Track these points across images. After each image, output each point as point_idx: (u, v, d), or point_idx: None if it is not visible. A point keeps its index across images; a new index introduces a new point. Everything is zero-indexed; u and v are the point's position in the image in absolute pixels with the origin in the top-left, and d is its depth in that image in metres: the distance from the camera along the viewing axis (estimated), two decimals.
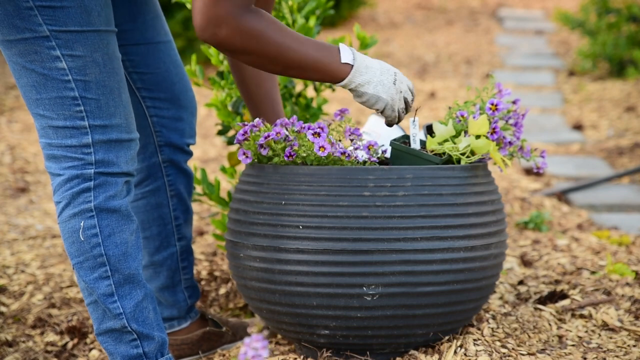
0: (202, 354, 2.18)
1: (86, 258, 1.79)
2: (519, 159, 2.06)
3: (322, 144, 1.86)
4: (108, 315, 1.81)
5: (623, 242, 2.91)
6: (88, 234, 1.78)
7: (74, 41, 1.72)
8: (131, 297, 1.81)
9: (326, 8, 2.42)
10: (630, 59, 6.20)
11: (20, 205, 3.64)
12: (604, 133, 4.91)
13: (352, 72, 1.77)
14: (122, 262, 1.80)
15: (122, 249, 1.80)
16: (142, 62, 2.02)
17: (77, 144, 1.76)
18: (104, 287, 1.79)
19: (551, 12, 8.98)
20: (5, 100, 5.64)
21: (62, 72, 1.73)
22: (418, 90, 6.05)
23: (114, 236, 1.79)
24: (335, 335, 1.92)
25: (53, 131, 1.77)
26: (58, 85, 1.73)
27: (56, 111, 1.75)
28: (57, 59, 1.72)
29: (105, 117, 1.77)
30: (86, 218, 1.78)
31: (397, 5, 9.87)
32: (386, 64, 1.83)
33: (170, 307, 2.15)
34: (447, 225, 1.88)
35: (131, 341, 1.82)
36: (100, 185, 1.78)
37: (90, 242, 1.78)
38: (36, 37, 1.71)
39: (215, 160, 4.35)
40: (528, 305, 2.26)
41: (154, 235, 2.11)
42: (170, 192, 2.11)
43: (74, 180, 1.78)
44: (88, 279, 1.80)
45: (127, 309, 1.81)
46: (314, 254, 1.86)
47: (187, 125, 2.11)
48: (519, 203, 3.45)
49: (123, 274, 1.80)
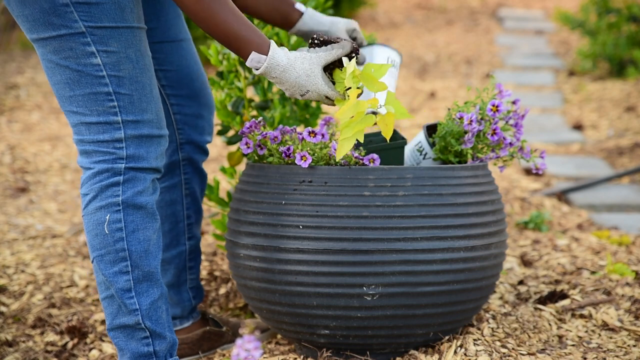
0: (202, 353, 2.18)
1: (108, 252, 1.80)
2: (519, 159, 2.06)
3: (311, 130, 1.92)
4: (123, 310, 1.82)
5: (623, 242, 2.91)
6: (113, 227, 1.80)
7: (109, 37, 1.75)
8: (148, 294, 1.82)
9: (325, 8, 2.42)
10: (630, 59, 6.20)
11: (20, 205, 3.64)
12: (604, 133, 4.91)
13: (262, 70, 1.77)
14: (144, 259, 1.81)
15: (144, 246, 1.82)
16: (165, 60, 2.06)
17: (109, 139, 1.79)
18: (123, 281, 1.81)
19: (551, 12, 8.99)
20: (5, 100, 5.64)
21: (96, 68, 1.76)
22: (418, 90, 6.05)
23: (138, 232, 1.81)
24: (335, 335, 1.92)
25: (86, 127, 1.79)
26: (92, 81, 1.76)
27: (89, 107, 1.78)
28: (92, 54, 1.75)
29: (138, 113, 1.79)
30: (112, 212, 1.80)
31: (397, 5, 9.87)
32: (308, 80, 1.80)
33: (174, 306, 2.15)
34: (447, 225, 1.88)
35: (143, 338, 1.83)
36: (129, 181, 1.80)
37: (114, 236, 1.80)
38: (72, 33, 1.74)
39: (215, 160, 4.36)
40: (528, 305, 2.26)
41: (165, 232, 2.14)
42: (185, 191, 2.14)
43: (103, 174, 1.80)
44: (108, 272, 1.81)
45: (143, 305, 1.82)
46: (314, 254, 1.86)
47: (206, 123, 2.15)
48: (519, 203, 3.45)
49: (143, 271, 1.81)
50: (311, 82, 1.78)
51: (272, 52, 1.76)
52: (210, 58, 2.30)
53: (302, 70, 1.78)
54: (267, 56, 1.76)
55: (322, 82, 1.79)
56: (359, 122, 1.78)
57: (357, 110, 1.78)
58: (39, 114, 5.35)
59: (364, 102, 1.78)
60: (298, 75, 1.77)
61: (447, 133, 2.00)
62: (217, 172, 3.94)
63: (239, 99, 2.32)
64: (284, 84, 1.78)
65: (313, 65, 1.78)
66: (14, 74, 6.30)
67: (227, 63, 2.29)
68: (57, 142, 4.75)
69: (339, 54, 1.81)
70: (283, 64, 1.76)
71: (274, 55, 1.76)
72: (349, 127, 1.78)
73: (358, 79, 1.79)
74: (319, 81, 1.79)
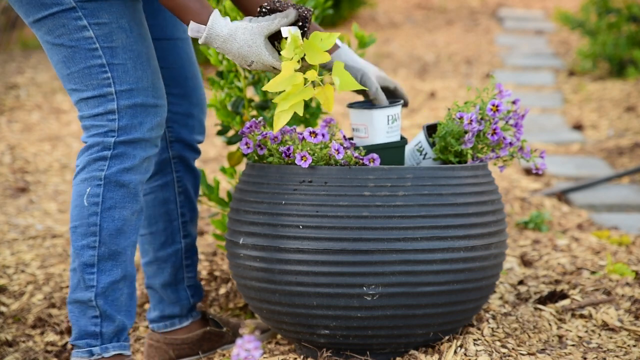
0: (203, 354, 2.18)
1: (81, 224, 1.82)
2: (519, 159, 2.06)
3: (312, 131, 1.90)
4: (81, 285, 1.83)
5: (623, 242, 2.91)
6: (90, 201, 1.82)
7: (100, 9, 1.78)
8: (110, 274, 1.82)
9: (325, 8, 2.42)
10: (631, 59, 6.20)
11: (20, 205, 3.64)
12: (604, 133, 4.91)
13: (203, 40, 1.74)
14: (114, 237, 1.82)
15: (117, 225, 1.82)
16: (160, 57, 2.06)
17: (103, 111, 1.81)
18: (88, 256, 1.82)
19: (551, 12, 8.98)
20: (5, 100, 5.64)
21: (89, 41, 1.79)
22: (418, 90, 6.05)
23: (114, 210, 1.82)
24: (335, 335, 1.92)
25: (84, 103, 1.82)
26: (86, 55, 1.79)
27: (85, 82, 1.80)
28: (84, 28, 1.78)
29: (132, 81, 1.81)
30: (94, 185, 1.82)
31: (397, 5, 9.87)
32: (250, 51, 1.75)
33: (172, 305, 2.15)
34: (447, 225, 1.88)
35: (93, 317, 1.84)
36: (117, 156, 1.82)
37: (89, 210, 1.81)
38: (63, 10, 1.77)
39: (215, 160, 4.36)
40: (528, 305, 2.26)
41: (159, 230, 2.13)
42: (178, 189, 2.14)
43: (94, 147, 1.82)
44: (76, 244, 1.83)
45: (101, 283, 1.82)
46: (314, 254, 1.86)
47: (197, 122, 2.15)
48: (519, 203, 3.45)
49: (110, 249, 1.82)
50: (253, 53, 1.74)
51: (212, 21, 1.72)
52: (210, 58, 2.30)
53: (244, 41, 1.74)
54: (207, 26, 1.73)
55: (265, 53, 1.74)
56: (296, 94, 1.74)
57: (292, 83, 1.73)
58: (39, 114, 5.35)
59: (299, 75, 1.73)
60: (240, 46, 1.74)
61: (447, 133, 2.00)
62: (217, 172, 3.94)
63: (239, 99, 2.32)
64: (227, 54, 1.75)
65: (255, 36, 1.74)
66: (14, 74, 6.30)
67: (227, 63, 2.29)
68: (57, 142, 4.75)
69: (282, 23, 1.75)
70: (223, 35, 1.73)
71: (213, 25, 1.73)
72: (285, 99, 1.75)
73: (301, 49, 1.75)
74: (262, 51, 1.74)
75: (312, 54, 1.75)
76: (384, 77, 2.01)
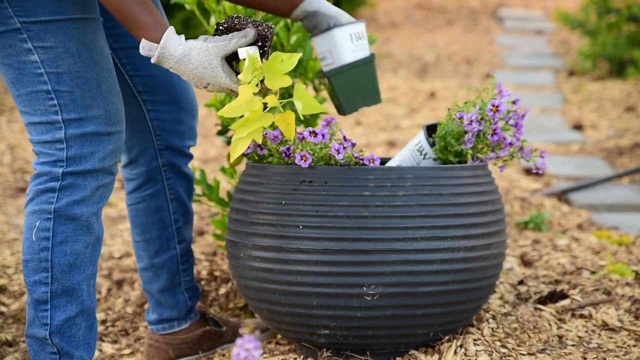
0: (202, 353, 2.18)
1: (32, 258, 1.74)
2: (519, 159, 2.06)
3: (311, 130, 1.89)
4: (36, 322, 1.75)
5: (623, 242, 2.91)
6: (40, 235, 1.73)
7: (45, 32, 1.67)
8: (64, 310, 1.75)
9: None
10: (630, 59, 6.20)
11: (20, 205, 3.64)
12: (604, 133, 4.91)
13: (155, 60, 1.64)
14: (66, 273, 1.73)
15: (70, 260, 1.74)
16: (141, 65, 2.00)
17: (51, 139, 1.71)
18: (40, 292, 1.74)
19: (551, 12, 8.99)
20: (5, 100, 5.64)
21: (35, 66, 1.68)
22: (418, 90, 6.05)
23: (66, 245, 1.73)
24: (335, 335, 1.92)
25: (33, 128, 1.73)
26: (32, 79, 1.69)
27: (33, 107, 1.71)
28: (30, 51, 1.67)
29: (81, 110, 1.70)
30: (43, 219, 1.73)
31: (397, 5, 9.87)
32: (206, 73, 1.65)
33: (170, 309, 2.14)
34: (447, 225, 1.88)
35: (51, 353, 1.76)
36: (66, 188, 1.72)
37: (39, 245, 1.73)
38: (9, 30, 1.66)
39: (215, 160, 4.36)
40: (528, 305, 2.26)
41: (154, 238, 2.10)
42: (170, 196, 2.10)
43: (42, 177, 1.73)
44: (28, 279, 1.74)
45: (55, 321, 1.74)
46: (314, 254, 1.86)
47: (187, 128, 2.09)
48: (519, 203, 3.45)
49: (63, 285, 1.74)
50: (209, 75, 1.64)
51: (165, 40, 1.61)
52: None
53: (199, 62, 1.63)
54: (159, 45, 1.62)
55: (222, 75, 1.64)
56: (255, 120, 1.63)
57: (250, 108, 1.61)
58: None
59: (257, 100, 1.63)
60: (194, 67, 1.63)
61: (447, 133, 2.00)
62: (217, 172, 3.94)
63: None
64: (182, 75, 1.65)
65: (210, 57, 1.63)
66: None
67: None
68: None
69: (239, 44, 1.65)
70: (177, 55, 1.62)
71: (166, 45, 1.62)
72: (243, 125, 1.64)
73: (259, 71, 1.63)
74: (218, 73, 1.64)
75: (271, 77, 1.64)
76: None
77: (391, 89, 6.14)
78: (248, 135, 1.66)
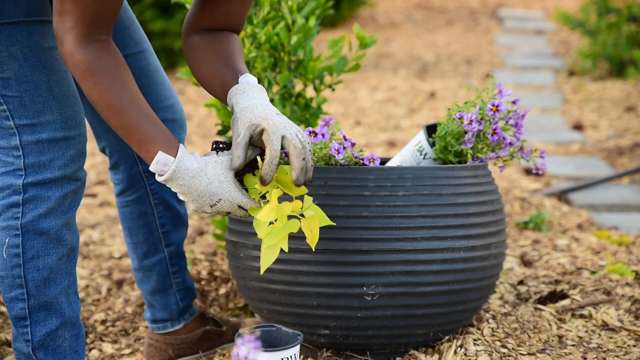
0: (202, 353, 2.18)
1: (7, 275, 1.69)
2: (519, 159, 2.06)
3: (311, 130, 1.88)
4: (19, 338, 1.73)
5: (623, 242, 2.91)
6: (11, 252, 1.68)
7: None
8: (44, 324, 1.71)
9: (326, 8, 2.42)
10: (630, 59, 6.20)
11: None
12: (604, 133, 4.91)
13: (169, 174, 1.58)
14: (41, 288, 1.69)
15: (43, 274, 1.69)
16: None
17: (7, 145, 1.66)
18: (18, 309, 1.70)
19: (551, 12, 8.99)
20: None
21: None
22: (418, 90, 6.05)
23: (38, 260, 1.68)
24: (335, 335, 1.92)
25: None
26: None
27: None
28: None
29: (32, 115, 1.64)
30: (12, 235, 1.67)
31: (397, 5, 9.87)
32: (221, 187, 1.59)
33: (162, 310, 2.14)
34: (447, 225, 1.88)
35: None
36: (30, 201, 1.66)
37: (11, 261, 1.68)
38: None
39: None
40: (528, 305, 2.26)
41: (140, 241, 2.09)
42: (154, 201, 2.06)
43: (5, 191, 1.67)
44: (6, 296, 1.71)
45: (37, 336, 1.71)
46: (314, 254, 1.86)
47: None
48: (519, 203, 3.45)
49: (39, 301, 1.70)
50: (224, 189, 1.58)
51: (182, 154, 1.56)
52: None
53: (215, 176, 1.58)
54: (176, 158, 1.56)
55: (234, 189, 1.59)
56: (282, 228, 1.61)
57: (280, 213, 1.59)
58: None
59: (286, 205, 1.60)
60: (210, 181, 1.58)
61: (447, 133, 2.00)
62: None
63: None
64: (192, 193, 1.58)
65: (225, 170, 1.59)
66: None
67: None
68: None
69: (255, 153, 1.61)
70: (193, 169, 1.56)
71: (182, 158, 1.56)
72: (271, 234, 1.61)
73: (276, 182, 1.63)
74: (231, 187, 1.59)
75: (288, 187, 1.64)
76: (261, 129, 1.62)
77: (391, 89, 6.14)
78: (277, 242, 1.63)
